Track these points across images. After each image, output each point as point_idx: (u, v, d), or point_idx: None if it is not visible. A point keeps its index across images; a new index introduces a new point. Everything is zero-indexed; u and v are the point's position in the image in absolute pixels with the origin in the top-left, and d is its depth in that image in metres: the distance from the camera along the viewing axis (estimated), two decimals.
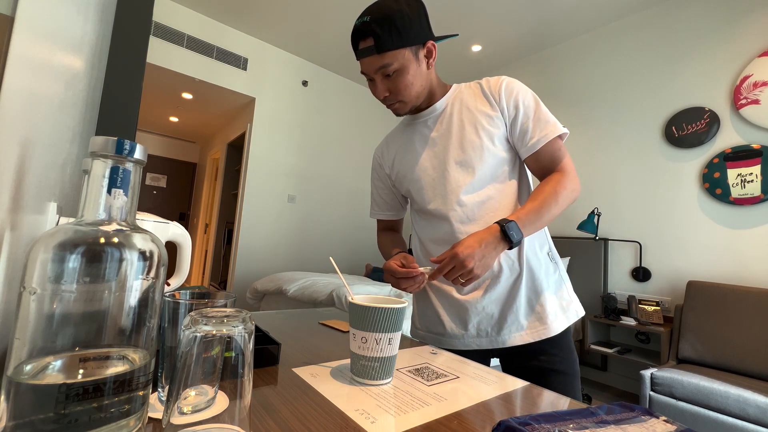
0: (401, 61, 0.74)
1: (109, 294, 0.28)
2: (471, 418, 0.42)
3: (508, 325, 0.78)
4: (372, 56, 0.74)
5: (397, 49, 0.73)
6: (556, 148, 0.78)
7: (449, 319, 0.83)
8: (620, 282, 2.69)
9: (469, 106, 0.82)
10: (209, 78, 3.44)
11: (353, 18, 3.20)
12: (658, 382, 1.83)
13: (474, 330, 0.80)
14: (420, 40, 0.76)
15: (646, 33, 2.76)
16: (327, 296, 2.32)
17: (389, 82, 0.77)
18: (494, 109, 0.80)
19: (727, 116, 2.32)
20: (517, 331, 0.78)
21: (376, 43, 0.72)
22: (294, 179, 3.94)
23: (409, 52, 0.75)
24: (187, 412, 0.28)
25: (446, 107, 0.85)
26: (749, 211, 2.19)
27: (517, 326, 0.78)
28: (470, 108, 0.82)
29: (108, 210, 0.30)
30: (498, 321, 0.79)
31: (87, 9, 0.58)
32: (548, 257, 0.83)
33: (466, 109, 0.82)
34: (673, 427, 0.35)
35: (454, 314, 0.82)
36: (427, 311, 0.87)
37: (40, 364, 0.26)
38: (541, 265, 0.81)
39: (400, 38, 0.72)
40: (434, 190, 0.84)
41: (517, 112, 0.79)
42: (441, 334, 0.84)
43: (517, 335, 0.77)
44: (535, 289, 0.79)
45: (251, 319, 0.31)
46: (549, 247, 0.85)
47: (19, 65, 0.39)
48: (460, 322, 0.81)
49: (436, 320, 0.84)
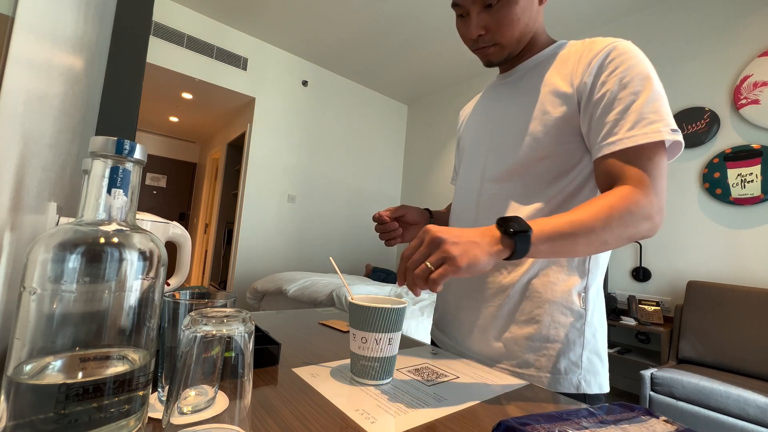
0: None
1: (109, 294, 0.28)
2: (471, 418, 0.42)
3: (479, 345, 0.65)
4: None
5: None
6: (645, 157, 0.51)
7: (440, 318, 0.77)
8: (620, 282, 2.69)
9: (547, 75, 0.63)
10: (209, 78, 3.44)
11: (353, 18, 3.21)
12: (658, 382, 1.83)
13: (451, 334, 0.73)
14: None
15: (646, 33, 2.76)
16: (327, 296, 2.32)
17: (489, 16, 0.61)
18: (571, 85, 0.59)
19: (727, 116, 2.32)
20: (489, 359, 0.64)
21: None
22: (294, 179, 3.94)
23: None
24: (187, 412, 0.28)
25: (528, 72, 0.67)
26: (749, 211, 2.19)
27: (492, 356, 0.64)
28: (546, 79, 0.62)
29: (108, 210, 0.30)
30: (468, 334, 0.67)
31: (87, 9, 0.58)
32: (578, 300, 0.60)
33: (542, 79, 0.63)
34: (673, 427, 0.35)
35: (445, 312, 0.76)
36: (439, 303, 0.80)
37: (40, 364, 0.26)
38: (556, 303, 0.60)
39: None
40: (469, 167, 0.73)
41: (603, 94, 0.55)
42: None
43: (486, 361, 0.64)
44: (520, 325, 0.61)
45: (251, 319, 0.31)
46: (585, 287, 0.61)
47: (19, 65, 0.39)
48: (445, 323, 0.75)
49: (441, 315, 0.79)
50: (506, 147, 0.65)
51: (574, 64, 0.60)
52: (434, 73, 4.03)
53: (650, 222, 0.50)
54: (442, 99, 4.43)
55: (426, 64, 3.86)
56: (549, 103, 0.60)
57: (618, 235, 0.49)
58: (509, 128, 0.66)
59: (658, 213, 0.50)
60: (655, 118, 0.52)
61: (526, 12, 0.61)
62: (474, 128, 0.76)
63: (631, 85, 0.54)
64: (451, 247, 0.43)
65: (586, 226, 0.48)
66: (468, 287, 0.69)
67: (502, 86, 0.72)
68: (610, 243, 0.49)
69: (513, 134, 0.64)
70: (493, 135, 0.69)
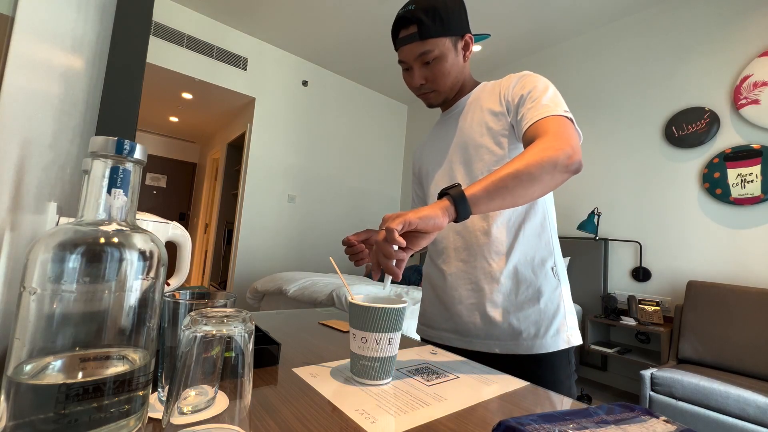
0: (441, 49, 0.76)
1: (109, 294, 0.28)
2: (471, 418, 0.42)
3: (487, 332, 0.75)
4: (414, 43, 0.75)
5: (439, 37, 0.75)
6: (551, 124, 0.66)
7: (434, 310, 0.85)
8: (620, 282, 2.69)
9: (481, 103, 0.82)
10: (209, 78, 3.44)
11: (353, 18, 3.21)
12: (658, 382, 1.83)
13: (452, 327, 0.81)
14: (459, 31, 0.78)
15: (646, 33, 2.76)
16: (327, 296, 2.32)
17: (427, 70, 0.79)
18: (501, 105, 0.78)
19: (727, 116, 2.32)
20: (495, 340, 0.75)
21: (420, 29, 0.74)
22: (294, 179, 3.94)
23: (449, 42, 0.77)
24: (187, 412, 0.28)
25: (466, 105, 0.85)
26: (749, 211, 2.19)
27: (497, 336, 0.75)
28: (482, 106, 0.81)
29: (108, 210, 0.30)
30: (479, 326, 0.76)
31: (87, 9, 0.58)
32: (552, 273, 0.77)
33: (479, 107, 0.82)
34: (673, 427, 0.35)
35: (440, 306, 0.84)
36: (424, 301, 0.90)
37: (40, 364, 0.26)
38: (537, 279, 0.75)
39: (442, 26, 0.75)
40: (437, 187, 0.86)
41: (519, 100, 0.73)
42: (429, 326, 0.86)
43: (493, 343, 0.75)
44: (519, 304, 0.74)
45: (251, 319, 0.31)
46: (554, 262, 0.78)
47: (19, 65, 0.39)
48: (441, 316, 0.83)
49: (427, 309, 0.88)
50: (470, 159, 0.80)
51: (498, 91, 0.80)
52: None
53: (563, 151, 0.60)
54: None
55: None
56: (491, 121, 0.79)
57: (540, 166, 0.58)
58: (467, 144, 0.81)
59: (568, 146, 0.61)
60: (552, 104, 0.69)
61: (454, 67, 0.79)
62: (435, 154, 0.89)
63: (535, 89, 0.72)
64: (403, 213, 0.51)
65: (510, 173, 0.57)
66: (463, 281, 0.80)
67: (449, 119, 0.89)
68: (538, 176, 0.58)
69: (472, 148, 0.80)
70: (455, 153, 0.84)
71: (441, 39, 0.75)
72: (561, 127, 0.65)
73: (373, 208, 4.60)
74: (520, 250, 0.76)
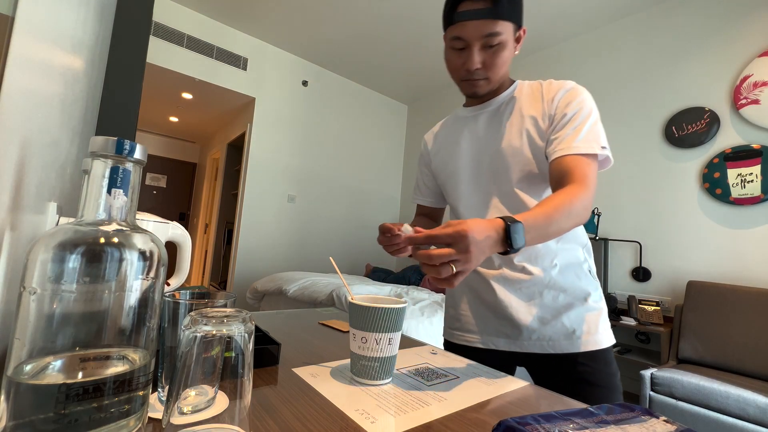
0: (507, 35, 0.70)
1: (109, 294, 0.28)
2: (471, 418, 0.42)
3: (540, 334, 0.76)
4: (483, 20, 0.68)
5: (509, 21, 0.69)
6: (583, 163, 0.67)
7: (477, 314, 0.83)
8: (620, 282, 2.69)
9: (522, 108, 0.78)
10: (209, 78, 3.44)
11: (353, 18, 3.21)
12: (658, 382, 1.83)
13: (494, 330, 0.80)
14: (521, 22, 0.73)
15: (646, 33, 2.76)
16: (327, 296, 2.32)
17: (486, 55, 0.72)
18: (544, 118, 0.75)
19: (727, 116, 2.32)
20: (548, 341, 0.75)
21: (495, 6, 0.67)
22: (294, 179, 3.94)
23: (513, 29, 0.71)
24: (187, 412, 0.28)
25: (501, 106, 0.81)
26: (749, 211, 2.19)
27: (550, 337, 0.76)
28: (523, 112, 0.77)
29: (108, 210, 0.30)
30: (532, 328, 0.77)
31: (87, 9, 0.58)
32: (590, 274, 0.79)
33: (519, 112, 0.78)
34: (673, 427, 0.35)
35: (485, 310, 0.82)
36: (454, 304, 0.88)
37: (40, 364, 0.26)
38: (581, 280, 0.77)
39: (513, 11, 0.70)
40: (469, 188, 0.83)
41: (563, 118, 0.71)
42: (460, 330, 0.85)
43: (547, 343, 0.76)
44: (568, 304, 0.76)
45: (251, 319, 0.31)
46: (589, 264, 0.80)
47: (19, 65, 0.39)
48: (486, 320, 0.81)
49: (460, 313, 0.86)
50: (507, 165, 0.77)
51: (540, 98, 0.77)
52: (434, 73, 4.03)
53: (588, 209, 0.65)
54: (442, 99, 4.43)
55: (426, 64, 3.86)
56: (532, 131, 0.75)
57: (574, 220, 0.63)
58: (504, 149, 0.77)
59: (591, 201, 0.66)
60: (592, 137, 0.69)
61: (509, 58, 0.74)
62: (457, 154, 0.86)
63: (580, 112, 0.71)
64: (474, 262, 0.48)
65: (558, 216, 0.60)
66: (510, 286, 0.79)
67: (481, 116, 0.84)
68: (565, 228, 0.62)
69: (510, 154, 0.77)
70: (490, 155, 0.80)
71: (509, 24, 0.69)
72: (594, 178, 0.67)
73: (373, 208, 4.60)
74: (563, 255, 0.77)
